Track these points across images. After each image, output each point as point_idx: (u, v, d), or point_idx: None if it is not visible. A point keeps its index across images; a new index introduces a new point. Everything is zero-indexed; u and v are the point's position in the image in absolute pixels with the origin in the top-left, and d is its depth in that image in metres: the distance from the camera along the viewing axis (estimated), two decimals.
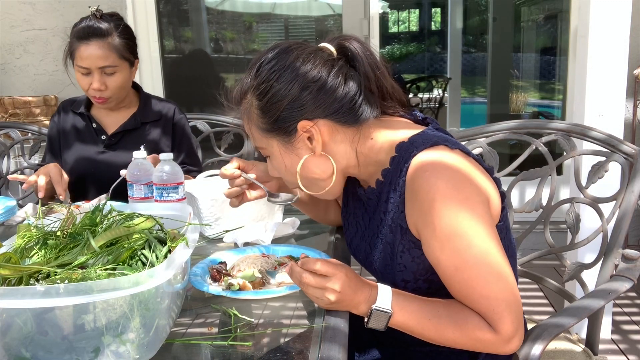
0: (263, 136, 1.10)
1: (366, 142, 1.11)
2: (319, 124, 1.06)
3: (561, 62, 3.90)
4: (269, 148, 1.12)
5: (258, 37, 4.03)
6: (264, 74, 1.07)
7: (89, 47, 1.74)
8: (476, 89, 7.67)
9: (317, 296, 1.00)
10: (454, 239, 0.98)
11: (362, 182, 1.20)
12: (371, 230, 1.17)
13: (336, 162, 1.10)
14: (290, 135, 1.08)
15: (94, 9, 1.80)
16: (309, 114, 1.06)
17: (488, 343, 0.98)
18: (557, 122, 1.59)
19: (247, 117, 1.11)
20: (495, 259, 0.98)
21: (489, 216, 1.03)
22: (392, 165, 1.08)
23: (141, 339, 0.84)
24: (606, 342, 2.43)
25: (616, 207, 1.43)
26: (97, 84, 1.76)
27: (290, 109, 1.05)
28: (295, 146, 1.09)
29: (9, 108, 3.06)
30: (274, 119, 1.07)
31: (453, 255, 0.98)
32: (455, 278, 0.99)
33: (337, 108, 1.06)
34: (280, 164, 1.12)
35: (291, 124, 1.06)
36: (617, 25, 2.24)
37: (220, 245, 1.43)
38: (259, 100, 1.07)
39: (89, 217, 1.06)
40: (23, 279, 0.92)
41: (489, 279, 0.97)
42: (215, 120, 2.26)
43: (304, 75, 1.05)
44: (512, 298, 0.98)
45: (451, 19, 5.10)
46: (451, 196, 0.98)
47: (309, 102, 1.05)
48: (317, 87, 1.05)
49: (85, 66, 1.75)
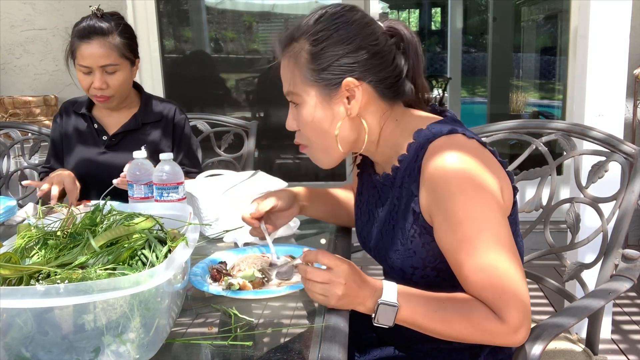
0: (303, 82, 1.10)
1: (391, 123, 1.13)
2: (362, 87, 1.08)
3: (561, 62, 3.90)
4: (303, 96, 1.11)
5: (258, 37, 4.03)
6: (325, 23, 1.09)
7: (90, 46, 1.75)
8: (476, 89, 7.68)
9: (323, 294, 0.99)
10: (466, 224, 0.98)
11: (378, 168, 1.21)
12: (384, 216, 1.18)
13: (361, 131, 1.12)
14: (331, 89, 1.08)
15: (95, 9, 1.81)
16: (357, 74, 1.08)
17: (495, 333, 0.98)
18: (557, 122, 1.59)
19: (294, 60, 1.10)
20: (505, 247, 0.99)
21: (502, 205, 1.03)
22: (409, 151, 1.10)
23: (141, 338, 0.84)
24: (606, 342, 2.43)
25: (616, 207, 1.43)
26: (99, 82, 1.76)
27: (341, 63, 1.07)
28: (333, 101, 1.09)
29: (9, 108, 3.06)
30: (322, 67, 1.08)
31: (463, 240, 0.99)
32: (465, 265, 0.99)
33: (383, 77, 1.10)
34: (309, 115, 1.11)
35: (337, 78, 1.07)
36: (617, 25, 2.24)
37: (220, 245, 1.43)
38: (313, 46, 1.08)
39: (89, 217, 1.06)
40: (23, 279, 0.92)
41: (498, 266, 0.97)
42: (215, 120, 2.26)
43: (365, 35, 1.08)
44: (520, 288, 0.97)
45: (451, 19, 5.10)
46: (466, 182, 0.99)
47: (362, 62, 1.08)
48: (373, 51, 1.08)
49: (87, 65, 1.76)
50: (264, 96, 4.14)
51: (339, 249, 1.36)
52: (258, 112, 4.18)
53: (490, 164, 1.05)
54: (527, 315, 0.98)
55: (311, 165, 4.76)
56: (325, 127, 1.11)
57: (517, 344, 1.00)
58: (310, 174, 4.06)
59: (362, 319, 1.35)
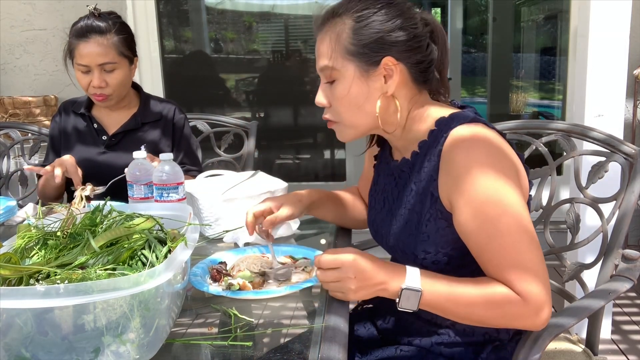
0: (343, 57, 1.11)
1: (418, 108, 1.16)
2: (399, 67, 1.11)
3: (561, 62, 3.90)
4: (341, 70, 1.12)
5: (258, 37, 4.03)
6: (369, 1, 1.12)
7: (88, 45, 1.75)
8: (476, 89, 7.67)
9: (339, 291, 1.02)
10: (488, 206, 1.00)
11: (396, 155, 1.23)
12: (399, 201, 1.19)
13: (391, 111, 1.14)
14: (370, 67, 1.11)
15: (92, 8, 1.81)
16: (396, 54, 1.10)
17: (517, 315, 0.99)
18: (557, 123, 1.59)
19: (335, 34, 1.12)
20: (527, 228, 1.00)
21: (522, 191, 1.05)
22: (429, 138, 1.12)
23: (141, 339, 0.84)
24: (606, 342, 2.43)
25: (616, 207, 1.43)
26: (97, 81, 1.77)
27: (383, 42, 1.10)
28: (371, 79, 1.11)
29: (9, 108, 3.06)
30: (364, 43, 1.10)
31: (486, 222, 1.00)
32: (487, 247, 1.00)
33: (418, 61, 1.13)
34: (345, 90, 1.12)
35: (377, 56, 1.10)
36: (617, 25, 2.24)
37: (220, 245, 1.43)
38: (357, 22, 1.10)
39: (89, 217, 1.06)
40: (23, 279, 0.92)
41: (520, 247, 0.99)
42: (215, 120, 2.26)
43: (406, 18, 1.11)
44: (540, 270, 0.99)
45: (451, 19, 5.09)
46: (488, 166, 1.01)
47: (402, 42, 1.10)
48: (412, 34, 1.11)
49: (85, 64, 1.76)
50: (264, 96, 4.14)
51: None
52: (258, 112, 4.19)
53: (509, 153, 1.07)
54: (549, 296, 0.99)
55: (311, 165, 4.77)
56: (360, 102, 1.13)
57: (539, 326, 1.00)
58: (310, 174, 4.06)
59: (362, 320, 1.35)
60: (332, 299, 1.06)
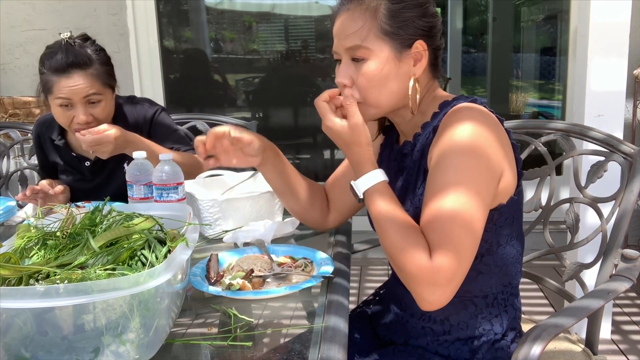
0: (377, 37, 1.12)
1: (431, 94, 1.19)
2: (426, 52, 1.14)
3: (561, 62, 3.90)
4: (374, 50, 1.12)
5: (258, 37, 4.03)
6: None
7: (71, 79, 1.64)
8: (476, 89, 7.67)
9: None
10: (450, 170, 1.01)
11: (401, 138, 1.25)
12: (401, 183, 1.21)
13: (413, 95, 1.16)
14: (403, 48, 1.13)
15: (66, 36, 1.69)
16: (427, 38, 1.14)
17: (416, 265, 0.96)
18: (557, 122, 1.59)
19: (371, 14, 1.12)
20: (472, 210, 0.99)
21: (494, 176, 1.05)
22: (432, 119, 1.16)
23: (141, 339, 0.84)
24: (606, 342, 2.43)
25: (615, 207, 1.43)
26: (84, 116, 1.66)
27: (417, 25, 1.13)
28: (403, 60, 1.13)
29: (9, 108, 3.06)
30: (400, 25, 1.12)
31: (441, 181, 1.01)
32: (430, 202, 1.01)
33: (438, 47, 1.18)
34: (377, 70, 1.12)
35: (411, 38, 1.13)
36: (617, 25, 2.24)
37: (220, 245, 1.43)
38: (393, 3, 1.12)
39: (88, 217, 1.06)
40: (23, 279, 0.92)
41: (456, 219, 0.98)
42: (215, 120, 2.25)
43: (431, 4, 1.15)
44: (466, 249, 0.98)
45: (451, 19, 5.09)
46: (469, 143, 1.03)
47: (433, 28, 1.15)
48: (439, 22, 1.17)
49: (67, 97, 1.65)
50: (263, 96, 4.14)
51: (339, 250, 1.36)
52: (258, 112, 4.18)
53: (502, 139, 1.08)
54: (456, 280, 0.97)
55: (311, 165, 4.78)
56: (388, 83, 1.14)
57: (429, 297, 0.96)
58: (309, 174, 4.05)
59: (362, 322, 1.36)
60: (332, 299, 1.07)
